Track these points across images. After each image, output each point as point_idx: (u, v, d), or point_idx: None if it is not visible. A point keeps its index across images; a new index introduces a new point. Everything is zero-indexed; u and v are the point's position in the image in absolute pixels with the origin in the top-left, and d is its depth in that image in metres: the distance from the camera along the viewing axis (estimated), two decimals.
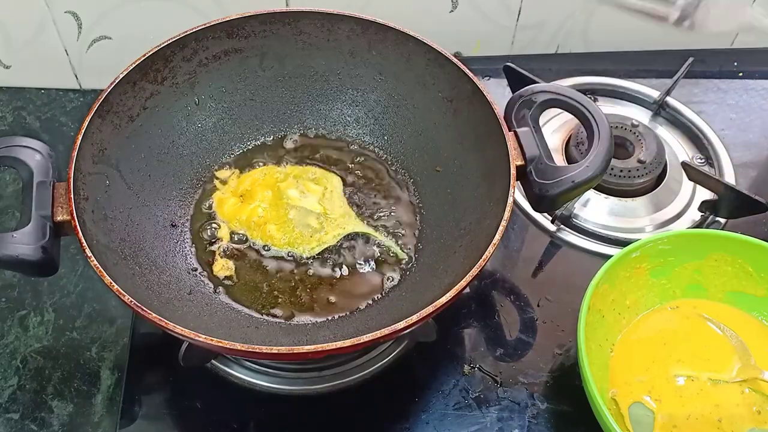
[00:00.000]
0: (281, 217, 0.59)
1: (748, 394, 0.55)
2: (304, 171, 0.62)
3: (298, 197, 0.60)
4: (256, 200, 0.60)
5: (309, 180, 0.61)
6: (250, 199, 0.60)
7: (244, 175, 0.62)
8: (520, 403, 0.56)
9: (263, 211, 0.59)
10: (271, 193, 0.60)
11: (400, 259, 0.58)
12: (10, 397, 0.55)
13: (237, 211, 0.59)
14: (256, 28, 0.60)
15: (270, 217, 0.59)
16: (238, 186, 0.61)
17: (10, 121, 0.76)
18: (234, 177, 0.62)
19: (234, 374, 0.56)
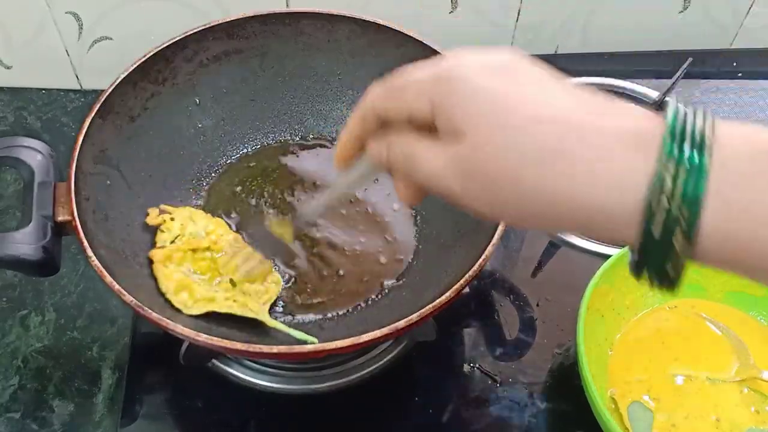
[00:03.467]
0: None
1: (747, 394, 0.55)
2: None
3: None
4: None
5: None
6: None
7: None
8: (520, 402, 0.56)
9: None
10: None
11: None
12: (11, 397, 0.55)
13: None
14: (256, 29, 0.60)
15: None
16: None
17: (11, 121, 0.76)
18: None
19: (234, 374, 0.56)
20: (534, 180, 0.26)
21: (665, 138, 0.25)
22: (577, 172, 0.25)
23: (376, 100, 0.32)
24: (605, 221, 0.26)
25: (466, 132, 0.28)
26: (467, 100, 0.28)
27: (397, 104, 0.31)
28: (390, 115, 0.32)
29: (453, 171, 0.29)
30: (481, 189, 0.28)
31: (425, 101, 0.29)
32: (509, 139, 0.26)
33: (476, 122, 0.27)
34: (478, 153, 0.27)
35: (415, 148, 0.30)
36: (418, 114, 0.30)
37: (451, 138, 0.28)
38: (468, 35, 0.81)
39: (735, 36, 0.86)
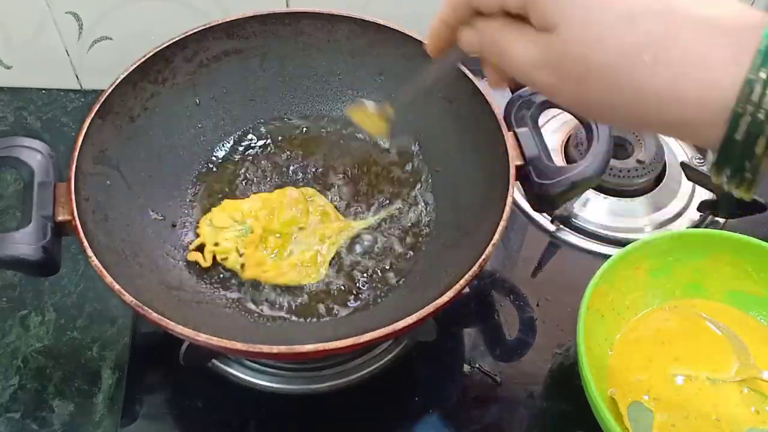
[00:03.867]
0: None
1: (747, 394, 0.55)
2: (281, 198, 0.59)
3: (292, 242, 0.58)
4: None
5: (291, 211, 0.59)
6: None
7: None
8: (520, 402, 0.56)
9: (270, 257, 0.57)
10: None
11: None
12: (11, 397, 0.55)
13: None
14: (256, 29, 0.60)
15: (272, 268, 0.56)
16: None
17: (11, 121, 0.76)
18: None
19: (234, 374, 0.56)
20: (627, 73, 0.26)
21: (761, 46, 0.24)
22: (672, 67, 0.26)
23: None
24: (693, 119, 0.26)
25: (559, 24, 0.27)
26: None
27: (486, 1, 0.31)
28: (482, 4, 0.31)
29: (545, 63, 0.29)
30: (574, 82, 0.28)
31: (512, 2, 0.29)
32: (604, 32, 0.26)
33: (570, 15, 0.27)
34: (571, 46, 0.27)
35: (507, 38, 0.30)
36: (511, 4, 0.30)
37: (545, 29, 0.28)
38: None
39: None
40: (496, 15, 0.31)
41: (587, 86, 0.28)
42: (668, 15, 0.26)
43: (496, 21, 0.31)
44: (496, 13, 0.31)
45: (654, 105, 0.26)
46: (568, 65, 0.28)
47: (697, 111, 0.26)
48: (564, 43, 0.28)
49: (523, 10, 0.29)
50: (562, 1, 0.27)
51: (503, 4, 0.30)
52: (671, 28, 0.26)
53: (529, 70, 0.30)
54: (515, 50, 0.30)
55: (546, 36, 0.28)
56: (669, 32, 0.26)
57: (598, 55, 0.27)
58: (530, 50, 0.29)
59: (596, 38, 0.26)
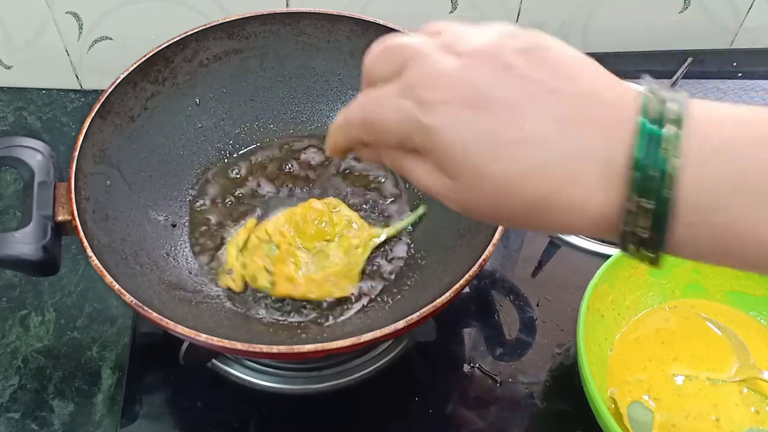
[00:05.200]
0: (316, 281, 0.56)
1: (747, 394, 0.55)
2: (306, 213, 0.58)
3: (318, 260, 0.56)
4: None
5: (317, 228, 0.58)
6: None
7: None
8: (520, 402, 0.56)
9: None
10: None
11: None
12: (11, 397, 0.55)
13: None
14: (256, 29, 0.60)
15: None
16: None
17: (11, 121, 0.76)
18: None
19: (234, 373, 0.56)
20: (522, 219, 0.29)
21: (630, 178, 0.26)
22: (563, 212, 0.28)
23: (358, 132, 0.32)
24: (591, 236, 0.29)
25: (457, 176, 0.28)
26: (449, 153, 0.28)
27: (379, 139, 0.31)
28: (375, 144, 0.32)
29: (450, 198, 0.30)
30: (481, 217, 0.30)
31: (407, 144, 0.30)
32: (499, 190, 0.28)
33: (462, 173, 0.28)
34: (471, 194, 0.29)
35: (408, 165, 0.31)
36: (407, 145, 0.30)
37: (442, 170, 0.29)
38: None
39: (735, 36, 0.86)
40: (392, 147, 0.31)
41: (501, 222, 0.34)
42: (553, 166, 0.27)
43: (394, 150, 0.31)
44: (392, 146, 0.31)
45: (558, 228, 0.29)
46: (475, 208, 0.30)
47: (599, 233, 0.28)
48: (467, 190, 0.29)
49: (419, 149, 0.30)
50: (458, 156, 0.28)
51: (397, 145, 0.30)
52: (561, 175, 0.27)
53: (439, 197, 0.31)
54: (421, 178, 0.31)
55: (445, 177, 0.29)
56: (560, 180, 0.27)
57: (502, 206, 0.28)
58: (436, 182, 0.30)
59: (499, 191, 0.28)
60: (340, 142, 0.34)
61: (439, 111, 0.28)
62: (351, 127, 0.32)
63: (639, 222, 0.26)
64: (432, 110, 0.28)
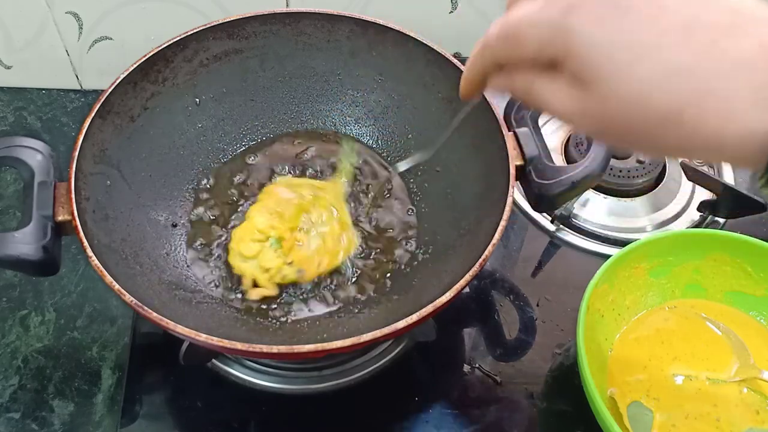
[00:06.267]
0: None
1: (747, 394, 0.55)
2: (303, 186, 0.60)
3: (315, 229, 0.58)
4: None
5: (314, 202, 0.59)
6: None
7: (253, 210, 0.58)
8: (520, 402, 0.56)
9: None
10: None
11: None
12: (11, 397, 0.56)
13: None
14: (256, 29, 0.60)
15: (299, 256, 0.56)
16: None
17: (11, 121, 0.76)
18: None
19: (234, 373, 0.56)
20: (670, 130, 0.27)
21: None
22: (712, 120, 0.26)
23: (495, 48, 0.32)
24: (734, 158, 0.27)
25: (591, 84, 0.28)
26: (589, 55, 0.27)
27: (517, 53, 0.30)
28: (511, 61, 0.31)
29: (584, 115, 0.29)
30: (616, 134, 0.29)
31: (545, 53, 0.29)
32: (642, 92, 0.27)
33: (600, 77, 0.27)
34: (610, 104, 0.28)
35: (542, 87, 0.30)
36: (540, 61, 0.30)
37: (578, 83, 0.28)
38: (468, 35, 0.81)
39: None
40: (527, 64, 0.31)
41: (630, 138, 0.29)
42: (702, 70, 0.26)
43: (528, 71, 0.31)
44: (527, 62, 0.31)
45: (698, 152, 0.28)
46: (608, 122, 0.28)
47: (737, 153, 0.27)
48: (602, 100, 0.28)
49: (555, 62, 0.29)
50: (590, 65, 0.27)
51: (532, 60, 0.30)
52: (708, 83, 0.26)
53: (568, 118, 0.30)
54: (552, 100, 0.30)
55: (582, 90, 0.28)
56: (706, 87, 0.26)
57: (638, 115, 0.27)
58: (567, 102, 0.29)
59: (635, 98, 0.27)
60: (477, 69, 0.33)
61: (581, 13, 0.27)
62: (489, 46, 0.32)
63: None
64: (574, 12, 0.27)
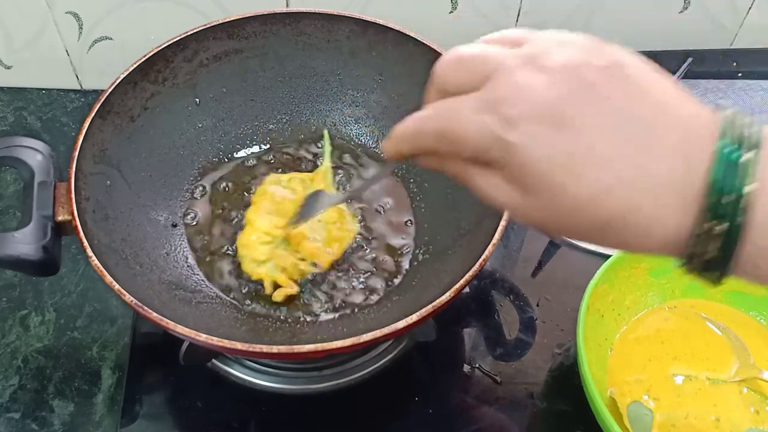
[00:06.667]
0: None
1: (747, 394, 0.55)
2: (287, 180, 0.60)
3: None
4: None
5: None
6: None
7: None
8: (520, 402, 0.56)
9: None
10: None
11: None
12: (11, 397, 0.55)
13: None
14: (256, 29, 0.60)
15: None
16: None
17: (11, 121, 0.76)
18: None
19: (234, 373, 0.56)
20: (599, 235, 0.29)
21: (705, 206, 0.26)
22: (638, 229, 0.28)
23: (429, 140, 0.31)
24: (659, 253, 0.29)
25: (530, 191, 0.29)
26: (529, 169, 0.28)
27: (452, 150, 0.30)
28: (447, 155, 0.31)
29: (520, 212, 0.30)
30: (549, 232, 0.32)
31: (482, 158, 0.29)
32: (569, 208, 0.28)
33: (538, 189, 0.28)
34: (543, 211, 0.29)
35: (478, 180, 0.31)
36: (483, 157, 0.30)
37: (517, 185, 0.29)
38: (468, 35, 0.81)
39: (735, 36, 0.86)
40: (462, 158, 0.31)
41: (567, 235, 0.32)
42: (628, 186, 0.27)
43: (461, 162, 0.31)
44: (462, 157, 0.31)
45: (632, 251, 0.30)
46: (546, 223, 0.30)
47: (662, 251, 0.29)
48: (540, 207, 0.29)
49: (492, 164, 0.29)
50: (537, 173, 0.28)
51: (470, 157, 0.30)
52: (630, 200, 0.27)
53: (506, 210, 0.31)
54: (491, 192, 0.30)
55: (521, 192, 0.29)
56: (629, 203, 0.27)
57: (573, 222, 0.28)
58: (505, 197, 0.30)
59: (569, 210, 0.28)
60: (405, 150, 0.33)
61: (522, 128, 0.27)
62: (423, 137, 0.31)
63: (708, 245, 0.27)
64: (515, 127, 0.28)
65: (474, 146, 0.29)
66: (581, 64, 0.28)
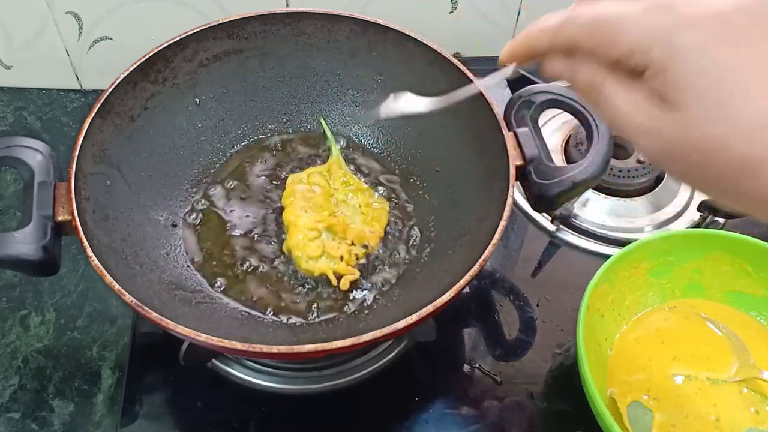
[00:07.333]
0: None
1: (747, 394, 0.55)
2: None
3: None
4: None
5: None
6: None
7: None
8: (520, 402, 0.56)
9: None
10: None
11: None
12: (11, 397, 0.55)
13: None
14: (256, 29, 0.60)
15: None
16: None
17: (11, 121, 0.76)
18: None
19: (234, 373, 0.56)
20: (751, 178, 0.25)
21: None
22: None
23: (578, 33, 0.28)
24: None
25: (678, 108, 0.25)
26: (689, 79, 0.25)
27: (602, 47, 0.27)
28: (592, 53, 0.28)
29: (655, 135, 0.27)
30: (686, 165, 0.26)
31: (635, 59, 0.26)
32: (736, 132, 0.25)
33: (692, 105, 0.25)
34: (686, 135, 0.25)
35: (612, 92, 0.28)
36: (622, 64, 0.27)
37: (661, 102, 0.26)
38: (468, 35, 0.81)
39: None
40: (605, 61, 0.28)
41: (697, 175, 0.26)
42: None
43: (602, 68, 0.28)
44: (606, 60, 0.28)
45: (763, 208, 0.26)
46: (681, 153, 0.26)
47: None
48: (684, 129, 0.25)
49: (640, 71, 0.26)
50: (697, 86, 0.25)
51: (619, 58, 0.27)
52: None
53: (633, 133, 0.27)
54: (624, 108, 0.27)
55: (663, 111, 0.26)
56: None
57: (718, 155, 0.25)
58: (640, 116, 0.27)
59: (722, 137, 0.25)
60: (541, 44, 0.30)
61: (698, 32, 0.25)
62: (571, 28, 0.28)
63: None
64: (690, 28, 0.25)
65: (634, 42, 0.26)
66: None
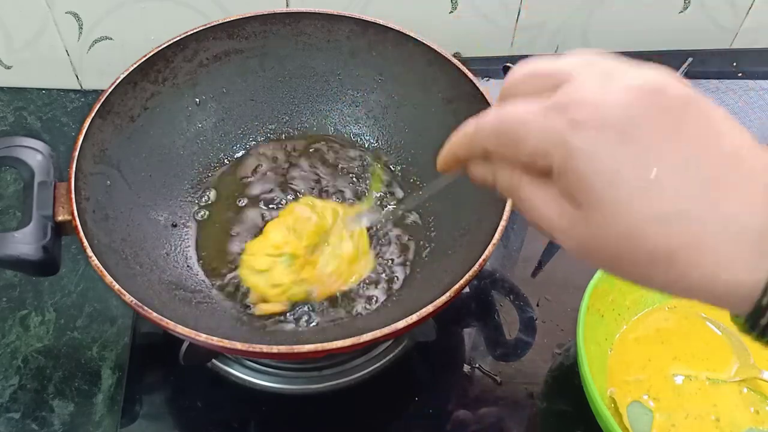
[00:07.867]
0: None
1: (747, 394, 0.55)
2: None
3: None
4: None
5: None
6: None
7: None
8: (520, 402, 0.56)
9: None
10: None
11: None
12: (11, 397, 0.55)
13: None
14: (256, 29, 0.60)
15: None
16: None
17: (11, 121, 0.76)
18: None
19: (234, 373, 0.56)
20: (657, 271, 0.26)
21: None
22: (702, 268, 0.26)
23: (487, 140, 0.30)
24: (719, 304, 0.27)
25: (586, 208, 0.27)
26: (590, 179, 0.26)
27: (510, 152, 0.29)
28: (502, 158, 0.30)
29: (568, 234, 0.28)
30: (600, 261, 0.28)
31: (541, 162, 0.28)
32: (636, 230, 0.26)
33: (597, 205, 0.26)
34: (597, 233, 0.27)
35: (529, 192, 0.29)
36: (533, 167, 0.28)
37: (571, 200, 0.27)
38: (468, 35, 0.81)
39: (735, 36, 0.86)
40: (517, 164, 0.29)
41: (616, 268, 0.28)
42: (698, 219, 0.25)
43: (516, 170, 0.29)
44: (518, 163, 0.29)
45: (683, 294, 0.27)
46: (596, 248, 0.27)
47: (723, 299, 0.26)
48: (594, 227, 0.27)
49: (549, 172, 0.28)
50: (598, 185, 0.26)
51: (527, 162, 0.28)
52: (703, 231, 0.25)
53: (552, 230, 0.29)
54: (541, 208, 0.29)
55: (574, 209, 0.27)
56: (701, 235, 0.25)
57: (629, 249, 0.26)
58: (556, 215, 0.28)
59: (629, 233, 0.26)
60: (461, 152, 0.32)
61: (588, 133, 0.26)
62: (481, 135, 0.30)
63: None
64: (582, 132, 0.26)
65: (534, 146, 0.27)
66: (659, 88, 0.26)
